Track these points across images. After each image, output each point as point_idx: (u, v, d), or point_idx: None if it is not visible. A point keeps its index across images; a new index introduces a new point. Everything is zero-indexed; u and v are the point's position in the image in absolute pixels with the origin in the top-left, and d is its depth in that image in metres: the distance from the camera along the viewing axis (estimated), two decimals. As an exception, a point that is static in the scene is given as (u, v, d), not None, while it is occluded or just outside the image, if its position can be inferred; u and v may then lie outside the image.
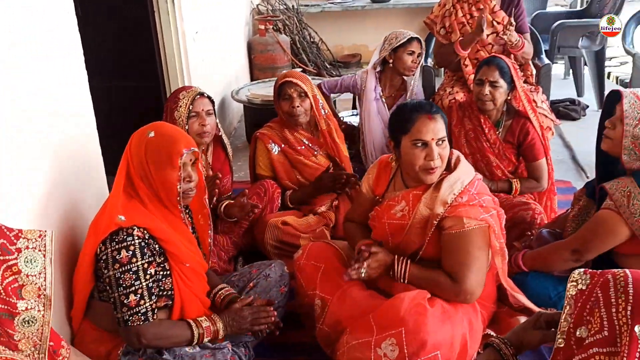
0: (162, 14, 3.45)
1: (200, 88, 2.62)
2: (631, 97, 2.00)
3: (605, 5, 4.92)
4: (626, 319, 1.11)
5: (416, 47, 3.29)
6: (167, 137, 1.88)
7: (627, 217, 1.99)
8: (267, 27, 5.57)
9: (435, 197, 2.02)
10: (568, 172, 3.84)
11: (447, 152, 2.05)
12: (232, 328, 1.96)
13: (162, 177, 1.84)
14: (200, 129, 2.54)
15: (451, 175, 2.05)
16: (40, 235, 1.36)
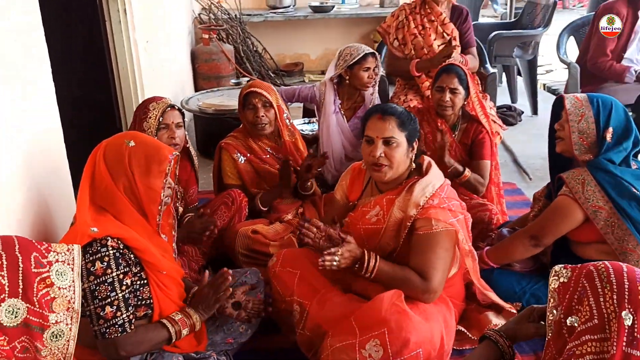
0: (114, 24, 3.40)
1: (170, 99, 2.60)
2: (571, 98, 2.23)
3: (535, 17, 5.23)
4: (613, 307, 1.23)
5: (371, 63, 3.30)
6: (150, 144, 1.86)
7: (582, 202, 2.17)
8: (211, 36, 5.55)
9: (408, 200, 2.11)
10: (511, 174, 4.06)
11: (398, 154, 2.11)
12: (205, 310, 1.94)
13: (148, 185, 1.82)
14: (169, 142, 2.52)
15: (423, 179, 2.15)
16: (69, 250, 1.35)
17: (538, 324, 1.52)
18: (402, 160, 2.14)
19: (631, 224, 2.12)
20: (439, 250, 2.06)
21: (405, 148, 2.14)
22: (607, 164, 2.16)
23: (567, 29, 4.23)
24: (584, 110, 2.18)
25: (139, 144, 1.85)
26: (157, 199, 1.84)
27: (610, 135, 2.17)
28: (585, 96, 2.21)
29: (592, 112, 2.17)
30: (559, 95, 2.30)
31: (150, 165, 1.82)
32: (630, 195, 2.13)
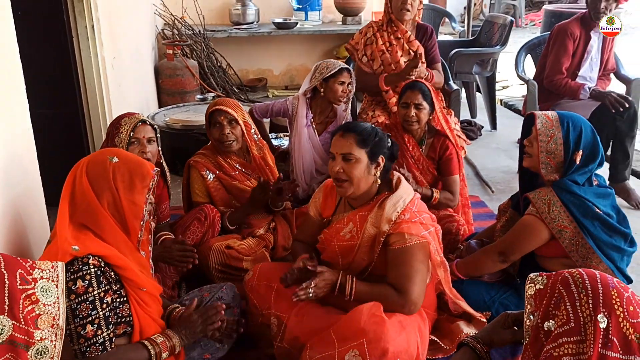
0: (81, 40, 3.37)
1: (142, 115, 2.61)
2: (542, 117, 2.30)
3: (492, 35, 5.42)
4: (589, 310, 1.31)
5: (346, 78, 3.37)
6: (133, 160, 1.88)
7: (548, 222, 2.26)
8: (175, 52, 5.54)
9: (380, 215, 2.17)
10: (474, 187, 4.17)
11: (356, 170, 2.16)
12: (187, 337, 1.95)
13: (131, 200, 1.83)
14: (140, 156, 2.50)
15: (394, 194, 2.21)
16: (53, 267, 1.34)
17: (513, 330, 1.59)
18: (361, 177, 2.18)
19: (594, 243, 2.22)
20: (414, 263, 2.12)
21: (366, 164, 2.18)
22: (572, 185, 2.26)
23: (524, 48, 4.40)
24: (553, 131, 2.26)
25: (122, 160, 1.87)
26: (139, 214, 1.85)
27: (580, 157, 2.25)
28: (556, 116, 2.29)
29: (562, 133, 2.25)
30: (530, 113, 2.38)
31: (134, 180, 1.84)
32: (593, 215, 2.24)
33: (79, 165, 1.90)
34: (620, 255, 2.32)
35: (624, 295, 1.32)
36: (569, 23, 3.87)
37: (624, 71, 4.06)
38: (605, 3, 3.71)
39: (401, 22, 3.58)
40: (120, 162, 1.86)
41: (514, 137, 5.03)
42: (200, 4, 6.29)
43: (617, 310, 1.30)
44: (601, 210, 2.27)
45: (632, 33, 10.77)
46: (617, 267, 2.30)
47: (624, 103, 3.57)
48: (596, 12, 3.74)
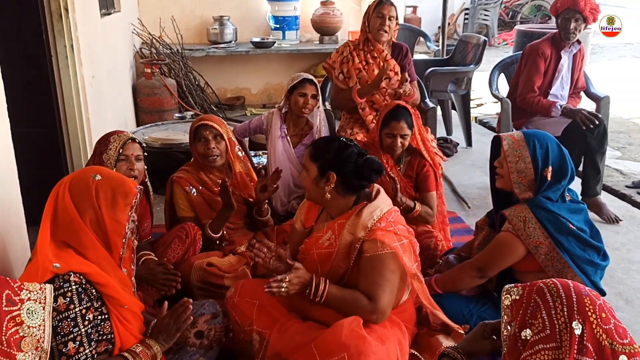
0: (60, 59, 3.37)
1: (130, 133, 2.63)
2: (509, 138, 2.38)
3: (467, 54, 5.54)
4: (564, 318, 1.36)
5: (308, 89, 3.42)
6: (116, 178, 1.90)
7: (524, 238, 2.32)
8: (153, 71, 5.55)
9: (357, 223, 2.22)
10: (451, 203, 4.23)
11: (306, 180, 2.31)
12: (165, 340, 1.95)
13: (114, 218, 1.84)
14: (128, 173, 2.54)
15: (371, 203, 2.26)
16: (41, 288, 1.34)
17: (492, 339, 1.63)
18: (310, 188, 2.31)
19: (569, 258, 2.29)
20: (384, 272, 2.15)
21: (314, 176, 2.27)
22: (546, 202, 2.32)
23: (498, 67, 4.51)
24: (520, 150, 2.33)
25: (105, 177, 1.88)
26: (122, 232, 1.86)
27: (550, 174, 2.32)
28: (521, 136, 2.36)
29: (529, 152, 2.32)
30: (497, 135, 2.45)
31: (116, 198, 1.85)
32: (567, 230, 2.30)
33: (62, 183, 1.91)
34: (594, 269, 2.39)
35: (597, 302, 1.38)
36: (540, 43, 3.98)
37: (593, 89, 4.18)
38: (574, 24, 3.83)
39: (378, 42, 3.65)
40: (103, 179, 1.87)
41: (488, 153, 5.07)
42: (178, 24, 6.33)
43: (591, 317, 1.35)
44: (575, 225, 2.34)
45: (600, 52, 11.07)
46: (591, 280, 2.36)
47: (594, 120, 3.67)
48: (566, 32, 3.86)
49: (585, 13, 3.81)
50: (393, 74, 3.67)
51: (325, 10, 6.65)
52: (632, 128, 6.45)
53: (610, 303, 2.82)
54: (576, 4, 3.79)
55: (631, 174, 4.89)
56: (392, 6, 3.62)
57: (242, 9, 6.83)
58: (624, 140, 5.97)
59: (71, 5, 3.35)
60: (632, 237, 3.65)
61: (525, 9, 13.25)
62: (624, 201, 4.27)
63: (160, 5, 6.53)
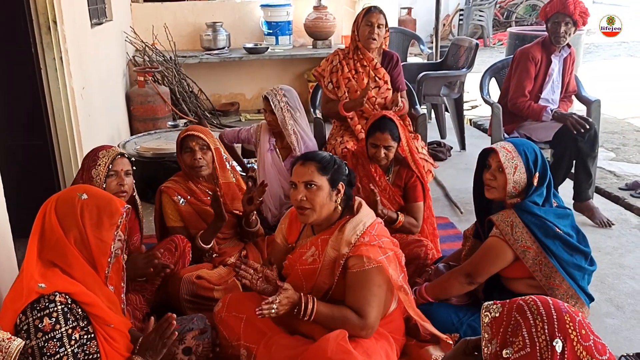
0: (49, 71, 3.38)
1: (119, 148, 2.63)
2: (503, 151, 2.38)
3: (459, 58, 5.55)
4: (545, 336, 1.36)
5: (266, 105, 3.51)
6: (102, 197, 1.90)
7: (512, 243, 2.33)
8: (146, 79, 5.55)
9: (340, 238, 2.21)
10: (444, 208, 4.24)
11: (318, 197, 2.21)
12: (152, 357, 1.94)
13: (99, 237, 1.85)
14: (117, 189, 2.55)
15: (354, 218, 2.26)
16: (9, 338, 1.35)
17: (474, 356, 1.62)
18: (324, 203, 2.23)
19: (556, 262, 2.30)
20: (372, 287, 2.16)
21: (327, 191, 2.23)
22: (532, 206, 2.34)
23: (489, 71, 4.51)
24: (516, 162, 2.34)
25: (91, 196, 1.89)
26: (107, 251, 1.87)
27: (537, 180, 2.35)
28: (512, 146, 2.37)
29: (523, 162, 2.35)
30: (488, 148, 2.45)
31: (102, 217, 1.86)
32: (554, 234, 2.31)
33: (49, 202, 1.92)
34: (582, 274, 2.40)
35: (576, 319, 1.38)
36: (531, 47, 3.98)
37: (584, 93, 4.19)
38: (564, 27, 3.83)
39: (368, 50, 3.65)
40: (89, 199, 1.88)
41: (482, 157, 5.11)
42: (171, 31, 6.33)
43: (572, 334, 1.35)
44: (561, 230, 2.35)
45: (595, 51, 11.07)
46: (578, 285, 2.37)
47: (585, 124, 3.67)
48: (556, 36, 3.86)
49: (575, 17, 3.81)
50: (382, 82, 3.67)
51: (318, 15, 6.65)
52: (627, 128, 6.44)
53: (601, 309, 2.87)
54: (566, 7, 3.79)
55: (625, 176, 4.88)
56: (380, 14, 3.62)
57: (235, 15, 6.85)
58: (618, 141, 5.97)
59: (60, 17, 3.34)
60: (625, 241, 3.65)
61: (520, 8, 13.26)
62: (617, 204, 4.27)
63: (153, 12, 6.55)
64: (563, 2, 3.80)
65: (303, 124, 3.57)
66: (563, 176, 3.90)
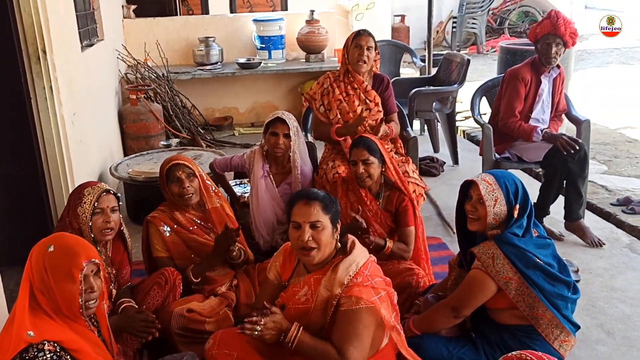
0: (39, 100, 3.37)
1: (105, 185, 2.63)
2: (484, 183, 2.40)
3: (451, 73, 5.56)
4: None
5: (279, 129, 3.39)
6: (66, 250, 1.91)
7: (494, 275, 2.35)
8: (138, 97, 5.55)
9: (333, 279, 2.21)
10: (436, 228, 4.24)
11: (324, 236, 2.21)
12: None
13: (63, 291, 1.86)
14: (104, 226, 2.55)
15: (347, 258, 2.26)
16: None
17: None
18: (328, 242, 2.24)
19: (539, 292, 2.31)
20: (357, 327, 2.15)
21: (331, 230, 2.25)
22: (512, 237, 2.35)
23: (480, 90, 4.52)
24: (496, 194, 2.36)
25: (57, 248, 1.90)
26: (75, 304, 1.88)
27: (517, 212, 2.37)
28: (493, 179, 2.39)
29: (503, 194, 2.36)
30: (468, 180, 2.47)
31: (62, 272, 1.87)
32: (535, 265, 2.33)
33: (33, 249, 1.94)
34: (565, 303, 2.41)
35: None
36: (520, 68, 4.00)
37: (574, 112, 4.20)
38: (555, 48, 3.85)
39: (358, 73, 3.67)
40: (54, 252, 1.89)
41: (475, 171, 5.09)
42: (163, 46, 6.34)
43: None
44: (542, 260, 2.37)
45: (587, 58, 11.10)
46: (562, 315, 2.38)
47: (575, 146, 3.69)
48: (547, 57, 3.87)
49: (566, 37, 3.83)
50: (373, 104, 3.68)
51: (310, 29, 6.66)
52: (619, 139, 6.46)
53: (592, 335, 2.89)
54: (556, 29, 3.81)
55: (617, 190, 4.90)
56: (369, 37, 3.63)
57: (227, 29, 6.86)
58: (610, 153, 5.98)
59: (49, 47, 3.34)
60: (616, 261, 3.67)
61: (513, 15, 13.30)
62: (609, 222, 4.29)
63: (145, 28, 6.56)
64: (553, 24, 3.82)
65: (303, 149, 3.59)
66: (554, 196, 3.92)
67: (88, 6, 4.93)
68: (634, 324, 3.02)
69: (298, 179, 3.49)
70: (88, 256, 1.92)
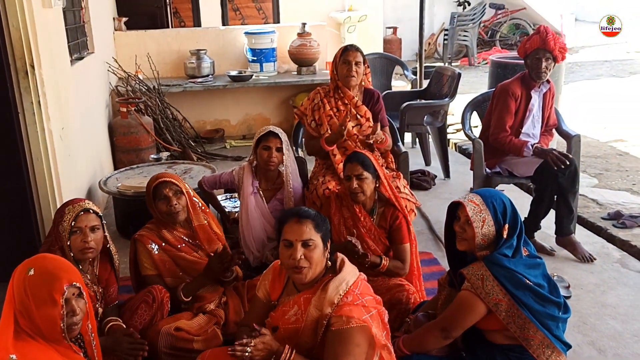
0: (27, 115, 3.34)
1: (89, 202, 2.60)
2: (471, 205, 2.38)
3: (442, 86, 5.57)
4: None
5: (272, 142, 3.38)
6: (47, 274, 1.88)
7: (484, 296, 2.32)
8: (129, 110, 5.52)
9: (323, 298, 2.19)
10: (428, 242, 4.22)
11: (316, 254, 2.19)
12: None
13: (44, 315, 1.84)
14: (82, 245, 2.52)
15: (337, 277, 2.24)
16: None
17: None
18: (319, 260, 2.22)
19: (529, 313, 2.29)
20: (349, 346, 2.11)
21: (322, 248, 2.23)
22: (502, 258, 2.33)
23: (470, 105, 4.53)
24: (484, 215, 2.35)
25: (38, 272, 1.87)
26: (56, 328, 1.86)
27: (506, 232, 2.36)
28: (480, 199, 2.38)
29: (491, 214, 2.35)
30: (455, 202, 2.46)
31: (43, 296, 1.84)
32: (524, 286, 2.31)
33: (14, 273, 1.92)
34: (556, 323, 2.39)
35: None
36: (510, 83, 4.01)
37: (565, 127, 4.21)
38: (545, 63, 3.86)
39: (348, 88, 3.66)
40: (34, 275, 1.86)
41: (467, 185, 5.12)
42: (154, 59, 6.32)
43: None
44: (531, 281, 2.34)
45: (578, 70, 11.18)
46: (553, 335, 2.35)
47: (565, 161, 3.69)
48: (537, 72, 3.88)
49: (555, 52, 3.84)
50: (364, 120, 3.68)
51: (302, 41, 6.67)
52: (609, 152, 6.49)
53: (583, 353, 2.87)
54: (546, 44, 3.83)
55: (607, 204, 4.91)
56: (357, 52, 3.62)
57: (219, 42, 6.85)
58: (601, 166, 6.00)
59: (37, 61, 3.32)
60: (607, 277, 3.66)
61: (504, 27, 13.40)
62: (600, 236, 4.29)
63: (136, 41, 6.54)
64: (543, 39, 3.83)
65: (294, 165, 3.58)
66: (545, 211, 3.91)
67: (78, 19, 4.92)
68: (625, 342, 3.01)
69: (290, 193, 3.47)
70: (69, 279, 1.89)
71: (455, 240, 2.50)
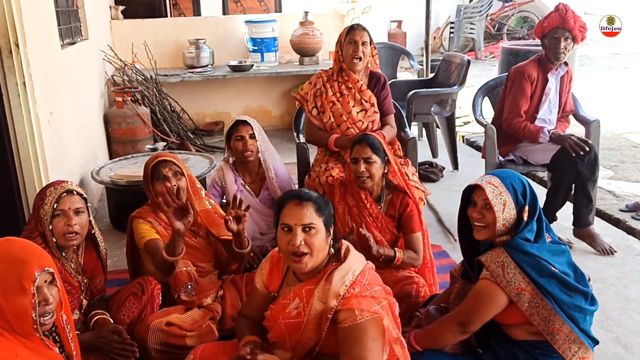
0: (12, 97, 3.13)
1: (72, 184, 2.39)
2: (490, 187, 2.15)
3: (450, 75, 5.35)
4: None
5: (243, 131, 3.25)
6: (14, 259, 1.66)
7: (504, 285, 2.10)
8: (125, 99, 5.33)
9: (327, 289, 1.98)
10: (436, 235, 4.00)
11: (318, 241, 1.99)
12: None
13: (14, 306, 1.62)
14: (65, 229, 2.30)
15: (342, 266, 2.02)
16: None
17: None
18: (321, 247, 2.01)
19: (555, 304, 2.07)
20: (367, 342, 1.91)
21: (324, 234, 2.02)
22: (524, 243, 2.11)
23: (482, 90, 4.30)
24: (504, 197, 2.13)
25: (2, 259, 1.65)
26: (27, 320, 1.65)
27: (527, 214, 2.13)
28: (499, 180, 2.16)
29: (511, 197, 2.13)
30: (473, 185, 2.22)
31: (10, 284, 1.63)
32: (550, 274, 2.08)
33: None
34: (583, 316, 2.16)
35: None
36: (526, 65, 3.79)
37: (582, 112, 3.99)
38: (564, 43, 3.64)
39: (352, 71, 3.43)
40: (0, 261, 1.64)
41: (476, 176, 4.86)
42: (152, 48, 6.12)
43: None
44: (557, 268, 2.12)
45: (589, 63, 10.95)
46: (580, 328, 2.13)
47: (584, 147, 3.47)
48: (556, 52, 3.66)
49: (575, 32, 3.62)
50: (369, 105, 3.45)
51: (304, 30, 6.46)
52: (624, 144, 6.27)
53: (608, 350, 2.65)
54: (566, 22, 3.60)
55: (625, 196, 4.69)
56: (364, 31, 3.40)
57: (218, 31, 6.66)
58: (616, 158, 5.78)
59: (22, 40, 3.11)
60: (629, 269, 3.44)
61: (511, 20, 13.17)
62: (619, 228, 4.07)
63: (134, 30, 6.35)
64: (562, 17, 3.61)
65: (271, 148, 3.44)
66: (562, 201, 3.69)
67: (71, 4, 4.72)
68: (652, 337, 2.79)
69: (273, 179, 3.30)
70: (40, 264, 1.67)
71: (469, 229, 2.28)
